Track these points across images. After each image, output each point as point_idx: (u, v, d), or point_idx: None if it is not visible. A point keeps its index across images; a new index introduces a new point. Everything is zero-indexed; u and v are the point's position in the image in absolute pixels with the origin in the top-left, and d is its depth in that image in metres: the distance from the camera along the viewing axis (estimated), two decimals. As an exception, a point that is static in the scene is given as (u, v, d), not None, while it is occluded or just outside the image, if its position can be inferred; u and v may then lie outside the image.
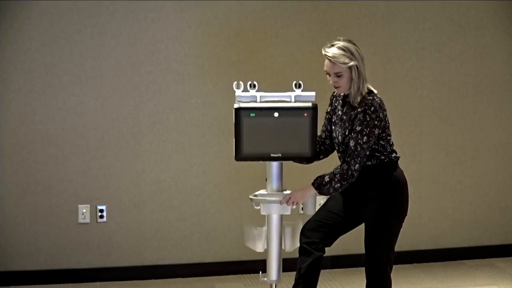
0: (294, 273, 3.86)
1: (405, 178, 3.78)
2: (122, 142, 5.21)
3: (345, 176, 3.60)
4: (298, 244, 3.79)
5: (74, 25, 5.07)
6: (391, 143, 3.75)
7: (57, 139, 5.12)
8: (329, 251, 5.42)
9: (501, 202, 5.87)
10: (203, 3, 5.23)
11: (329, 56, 3.62)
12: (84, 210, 5.19)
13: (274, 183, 3.68)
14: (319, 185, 3.64)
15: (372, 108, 3.60)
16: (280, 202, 3.63)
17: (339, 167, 3.64)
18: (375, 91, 3.71)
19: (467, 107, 5.74)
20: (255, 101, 3.59)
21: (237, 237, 5.36)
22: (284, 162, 3.71)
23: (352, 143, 3.61)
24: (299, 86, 3.63)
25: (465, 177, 5.79)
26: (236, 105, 3.56)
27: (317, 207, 3.85)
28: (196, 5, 5.23)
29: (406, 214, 3.79)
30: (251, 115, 3.55)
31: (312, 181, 3.68)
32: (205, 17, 5.25)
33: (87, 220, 5.20)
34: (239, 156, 3.60)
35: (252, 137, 3.56)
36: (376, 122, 3.61)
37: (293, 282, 3.86)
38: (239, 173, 5.31)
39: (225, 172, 5.34)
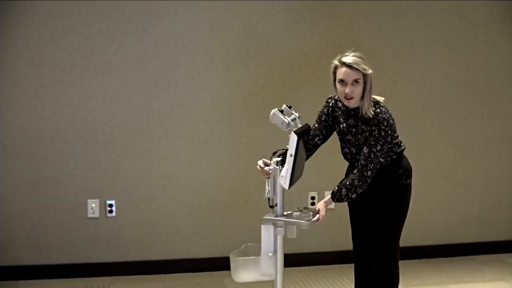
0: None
1: (409, 164, 3.86)
2: (131, 137, 5.22)
3: (361, 183, 3.63)
4: None
5: (83, 20, 5.08)
6: (396, 136, 3.78)
7: (66, 134, 5.13)
8: (332, 247, 5.46)
9: (510, 198, 5.86)
10: (212, -2, 5.24)
11: (349, 62, 3.60)
12: (93, 205, 5.20)
13: (280, 207, 3.66)
14: (339, 199, 3.66)
15: (385, 122, 3.63)
16: (319, 219, 3.63)
17: (352, 175, 3.65)
18: (380, 99, 3.73)
19: (476, 103, 5.72)
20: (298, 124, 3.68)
21: (246, 232, 5.36)
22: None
23: (366, 150, 3.64)
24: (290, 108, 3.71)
25: (474, 172, 5.78)
26: (295, 130, 3.54)
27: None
28: (205, 0, 5.23)
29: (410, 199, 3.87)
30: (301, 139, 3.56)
31: (331, 193, 3.68)
32: (214, 12, 5.25)
33: (96, 214, 5.21)
34: (292, 182, 3.57)
35: (297, 162, 3.56)
36: (389, 133, 3.65)
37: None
38: (247, 168, 5.30)
39: (234, 167, 5.34)
